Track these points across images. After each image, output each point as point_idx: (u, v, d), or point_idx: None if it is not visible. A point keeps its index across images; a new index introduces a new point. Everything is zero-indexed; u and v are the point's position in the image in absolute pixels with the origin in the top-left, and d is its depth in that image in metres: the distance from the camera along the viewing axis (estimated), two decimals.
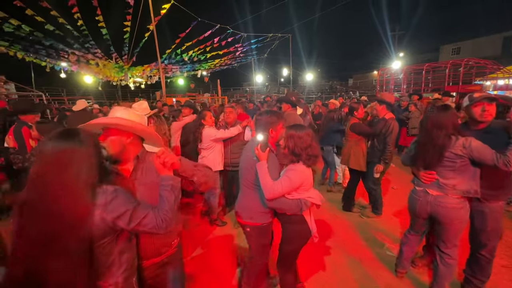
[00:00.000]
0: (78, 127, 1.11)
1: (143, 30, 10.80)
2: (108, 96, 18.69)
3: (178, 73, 17.73)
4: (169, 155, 1.18)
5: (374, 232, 3.43)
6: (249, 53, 15.47)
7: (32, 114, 3.27)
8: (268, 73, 30.67)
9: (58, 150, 0.97)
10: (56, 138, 0.99)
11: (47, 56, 12.31)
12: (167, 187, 1.16)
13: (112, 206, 1.02)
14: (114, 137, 1.29)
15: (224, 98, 10.66)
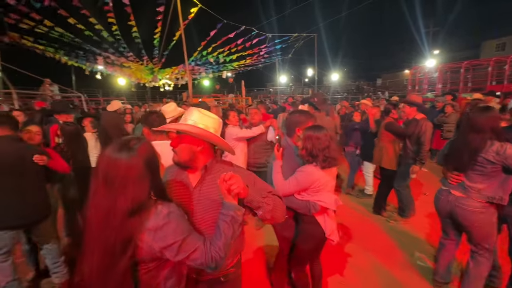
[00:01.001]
0: (134, 137, 0.99)
1: (171, 33, 11.29)
2: (139, 97, 19.77)
3: (204, 74, 18.25)
4: (237, 181, 1.02)
5: (404, 239, 3.25)
6: (273, 53, 15.47)
7: (65, 114, 3.51)
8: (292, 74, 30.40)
9: (112, 162, 0.91)
10: (109, 150, 0.93)
11: (86, 60, 13.33)
12: (227, 217, 1.02)
13: (162, 234, 0.93)
14: (184, 144, 1.21)
15: (248, 98, 10.74)
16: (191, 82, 9.33)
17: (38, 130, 2.54)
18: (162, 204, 0.98)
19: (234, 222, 1.02)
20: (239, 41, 12.23)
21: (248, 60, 15.00)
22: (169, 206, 0.98)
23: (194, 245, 0.96)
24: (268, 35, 12.40)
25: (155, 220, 0.93)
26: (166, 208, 0.97)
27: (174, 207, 0.99)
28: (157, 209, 0.96)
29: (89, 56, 13.30)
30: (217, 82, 14.00)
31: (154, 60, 14.76)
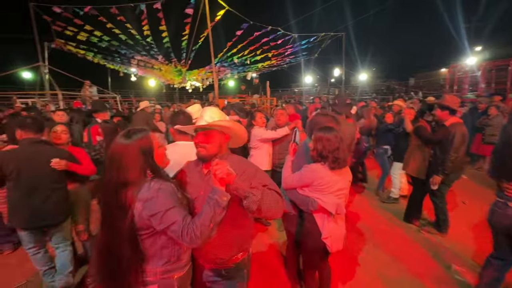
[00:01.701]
0: (138, 128, 1.21)
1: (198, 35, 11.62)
2: (167, 98, 20.67)
3: (229, 75, 18.56)
4: (221, 167, 1.11)
5: (438, 250, 3.02)
6: (298, 53, 15.27)
7: (102, 113, 3.74)
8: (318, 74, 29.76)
9: (117, 145, 1.16)
10: (120, 136, 1.18)
11: (121, 62, 14.21)
12: (211, 200, 1.12)
13: (150, 204, 1.09)
14: (215, 139, 1.35)
15: (273, 99, 10.71)
16: (217, 83, 9.53)
17: (64, 129, 2.53)
18: (156, 181, 1.15)
19: (217, 206, 1.10)
20: (264, 41, 12.25)
21: (273, 60, 14.97)
22: (161, 183, 1.14)
23: (174, 218, 1.09)
24: (294, 35, 12.27)
25: (146, 192, 1.11)
26: (158, 184, 1.13)
27: (166, 185, 1.15)
28: (150, 184, 1.13)
29: (123, 59, 14.18)
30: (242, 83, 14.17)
31: (182, 62, 15.33)
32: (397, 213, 3.88)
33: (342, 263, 2.72)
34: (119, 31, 10.79)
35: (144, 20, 10.19)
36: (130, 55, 13.64)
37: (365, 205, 4.31)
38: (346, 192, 1.93)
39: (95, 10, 9.34)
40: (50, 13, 9.65)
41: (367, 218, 3.81)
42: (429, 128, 3.45)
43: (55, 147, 2.31)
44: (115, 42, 11.81)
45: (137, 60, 14.27)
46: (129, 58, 14.08)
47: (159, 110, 7.73)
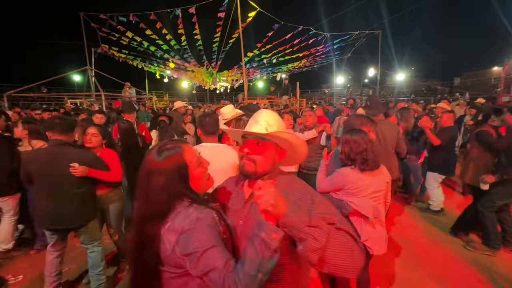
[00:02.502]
0: (173, 142, 0.99)
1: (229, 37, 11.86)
2: (198, 99, 21.42)
3: (259, 76, 18.64)
4: (266, 194, 0.80)
5: (486, 269, 2.67)
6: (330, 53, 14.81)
7: (127, 113, 3.91)
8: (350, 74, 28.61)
9: (147, 163, 0.96)
10: (153, 151, 0.97)
11: (157, 65, 15.06)
12: (256, 239, 0.80)
13: (185, 239, 0.85)
14: (269, 152, 1.05)
15: (303, 100, 10.50)
16: (247, 84, 9.61)
17: (94, 133, 2.40)
18: (194, 208, 0.91)
19: (265, 247, 0.77)
20: (295, 41, 12.09)
21: (303, 61, 14.71)
22: (201, 212, 0.89)
23: (214, 263, 0.81)
24: (327, 34, 11.92)
25: (182, 222, 0.87)
26: (196, 213, 0.88)
27: (206, 214, 0.90)
28: (187, 212, 0.89)
29: (159, 62, 15.01)
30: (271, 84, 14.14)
31: (213, 63, 15.77)
32: (439, 226, 3.53)
33: (377, 280, 2.53)
34: (157, 36, 11.45)
35: (179, 24, 10.68)
36: (166, 58, 14.40)
37: (402, 215, 3.98)
38: (383, 194, 1.88)
39: (136, 17, 10.01)
40: (97, 21, 10.58)
41: (405, 230, 3.51)
42: (494, 134, 3.11)
43: (80, 150, 2.21)
44: (152, 47, 12.56)
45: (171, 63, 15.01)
46: (165, 61, 14.88)
47: (191, 111, 7.99)
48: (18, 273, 2.71)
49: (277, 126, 1.07)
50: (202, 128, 2.14)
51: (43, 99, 13.32)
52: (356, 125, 2.11)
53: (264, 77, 17.70)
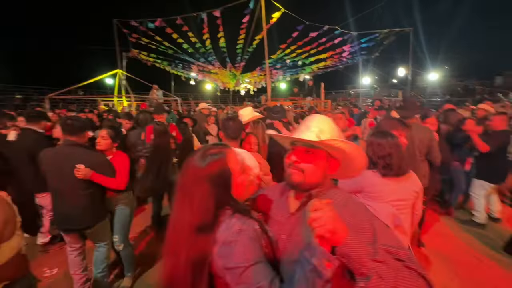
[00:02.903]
0: (216, 147, 0.94)
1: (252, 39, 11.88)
2: (221, 100, 21.76)
3: (281, 77, 18.48)
4: (325, 217, 0.70)
5: None
6: (356, 53, 14.27)
7: (158, 115, 4.03)
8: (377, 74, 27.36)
9: (189, 168, 0.91)
10: (196, 156, 0.92)
11: (183, 68, 15.53)
12: (306, 265, 0.70)
13: (226, 252, 0.80)
14: (321, 162, 0.96)
15: (327, 102, 10.19)
16: (270, 85, 9.53)
17: (104, 135, 2.36)
18: (237, 218, 0.85)
19: (316, 276, 0.68)
20: (320, 41, 11.80)
21: (328, 61, 14.32)
22: (244, 223, 0.83)
23: (259, 281, 0.74)
24: (353, 33, 11.48)
25: (224, 233, 0.82)
26: (239, 224, 0.83)
27: (249, 225, 0.83)
28: (230, 222, 0.84)
29: (185, 65, 15.47)
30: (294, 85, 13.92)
31: (236, 65, 15.92)
32: (486, 241, 3.17)
33: None
34: (183, 40, 11.82)
35: (204, 28, 10.91)
36: (191, 61, 14.81)
37: (441, 227, 3.64)
38: (410, 203, 1.73)
39: (164, 22, 10.40)
40: (128, 27, 11.14)
41: (444, 245, 3.21)
42: None
43: (90, 152, 2.18)
44: (179, 51, 12.99)
45: (196, 66, 15.40)
46: (190, 64, 15.31)
47: (214, 112, 8.09)
48: (54, 267, 2.86)
49: (330, 134, 0.97)
50: (225, 131, 2.10)
51: (80, 101, 14.28)
52: (387, 128, 2.01)
53: (287, 79, 17.51)
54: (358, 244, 0.70)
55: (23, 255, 1.21)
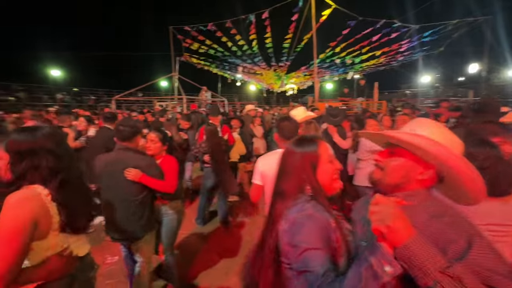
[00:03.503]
0: (310, 137, 1.07)
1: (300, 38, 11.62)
2: (266, 102, 21.91)
3: (327, 77, 17.75)
4: (384, 210, 0.67)
5: None
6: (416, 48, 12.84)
7: (213, 116, 4.14)
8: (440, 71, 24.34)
9: (285, 151, 1.07)
10: (292, 142, 1.08)
11: (229, 70, 16.06)
12: (363, 264, 0.67)
13: (294, 229, 0.86)
14: (404, 162, 0.86)
15: (382, 103, 9.33)
16: (318, 85, 9.17)
17: (153, 138, 2.29)
18: (312, 205, 0.91)
19: (371, 276, 0.63)
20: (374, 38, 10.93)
21: (382, 58, 13.20)
22: (317, 211, 0.88)
23: (314, 266, 0.77)
24: (415, 26, 10.32)
25: (296, 213, 0.89)
26: (312, 210, 0.88)
27: (322, 216, 0.87)
28: (303, 206, 0.91)
29: (231, 67, 15.97)
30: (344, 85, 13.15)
31: (281, 66, 15.81)
32: None
33: None
34: (231, 43, 12.20)
35: (251, 30, 11.06)
36: (237, 63, 15.21)
37: None
38: None
39: (215, 26, 10.87)
40: (182, 33, 11.95)
41: None
42: None
43: (138, 155, 2.10)
44: (227, 53, 13.46)
45: (242, 67, 15.76)
46: (236, 66, 15.74)
47: (260, 113, 8.08)
48: (116, 254, 3.09)
49: (438, 136, 0.82)
50: (280, 132, 2.02)
51: (139, 102, 15.86)
52: (484, 134, 1.58)
53: (334, 78, 16.74)
54: (425, 250, 0.64)
55: (65, 256, 1.15)
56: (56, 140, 1.14)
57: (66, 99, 16.26)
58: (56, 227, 1.09)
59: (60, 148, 1.15)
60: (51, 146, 1.11)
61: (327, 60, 13.94)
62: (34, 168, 1.07)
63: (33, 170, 1.07)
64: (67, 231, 1.14)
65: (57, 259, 1.11)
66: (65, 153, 1.17)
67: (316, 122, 2.99)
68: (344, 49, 12.37)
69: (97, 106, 14.10)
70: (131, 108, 10.52)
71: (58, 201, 1.09)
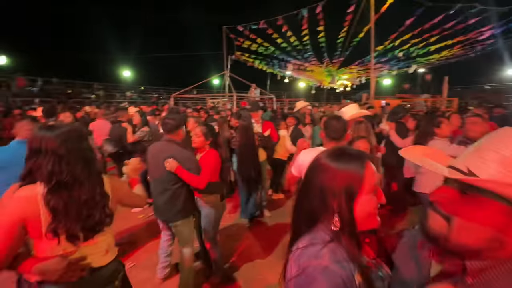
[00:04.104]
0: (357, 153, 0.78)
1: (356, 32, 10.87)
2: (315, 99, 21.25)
3: (385, 72, 16.24)
4: None
5: None
6: (499, 35, 10.75)
7: (253, 112, 4.16)
8: None
9: (324, 156, 0.79)
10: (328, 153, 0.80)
11: (279, 67, 16.01)
12: None
13: (301, 282, 0.67)
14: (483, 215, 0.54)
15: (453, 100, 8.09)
16: (374, 81, 8.48)
17: (197, 132, 2.38)
18: (331, 250, 0.67)
19: None
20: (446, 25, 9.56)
21: (455, 48, 11.45)
22: (337, 261, 0.65)
23: None
24: (502, 8, 8.66)
25: (308, 260, 0.67)
26: (329, 260, 0.65)
27: (341, 267, 0.64)
28: (320, 250, 0.67)
29: (281, 64, 15.90)
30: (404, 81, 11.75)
31: (333, 61, 15.07)
32: None
33: None
34: (282, 39, 12.15)
35: (303, 25, 10.80)
36: (287, 59, 15.08)
37: None
38: None
39: (266, 23, 10.96)
40: (234, 32, 12.38)
41: None
42: None
43: (179, 148, 2.24)
44: (277, 51, 13.45)
45: (292, 64, 15.55)
46: (286, 63, 15.61)
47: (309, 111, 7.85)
48: None
49: None
50: (325, 130, 1.94)
51: (193, 99, 17.04)
52: None
53: (393, 73, 15.20)
54: None
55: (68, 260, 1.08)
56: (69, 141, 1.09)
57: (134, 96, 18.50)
58: (49, 230, 1.04)
59: (69, 149, 1.08)
60: (56, 147, 1.06)
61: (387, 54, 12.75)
62: (37, 167, 1.06)
63: (37, 169, 1.06)
64: (61, 237, 1.06)
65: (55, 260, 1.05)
66: (75, 155, 1.10)
67: (368, 123, 2.74)
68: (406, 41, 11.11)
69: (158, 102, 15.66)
70: (186, 105, 11.37)
71: (49, 205, 1.04)
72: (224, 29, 12.64)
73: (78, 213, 1.09)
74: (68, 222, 1.06)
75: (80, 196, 1.10)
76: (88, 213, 1.11)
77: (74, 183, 1.09)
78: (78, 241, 1.11)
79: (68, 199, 1.07)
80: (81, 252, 1.13)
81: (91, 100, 15.31)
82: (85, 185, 1.12)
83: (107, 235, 1.23)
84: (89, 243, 1.15)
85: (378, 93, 17.37)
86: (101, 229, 1.17)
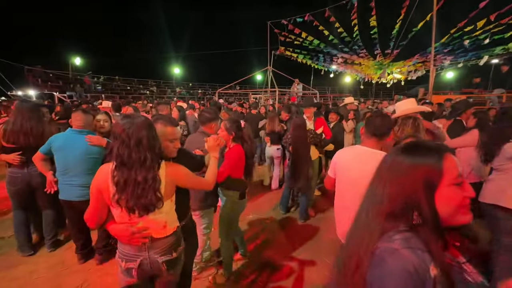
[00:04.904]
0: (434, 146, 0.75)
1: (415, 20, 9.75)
2: (362, 94, 19.92)
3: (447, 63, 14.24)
4: None
5: None
6: None
7: (306, 108, 4.08)
8: None
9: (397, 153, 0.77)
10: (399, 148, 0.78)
11: (323, 61, 15.35)
12: None
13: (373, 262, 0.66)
14: None
15: None
16: (434, 74, 7.55)
17: (221, 127, 2.39)
18: (405, 237, 0.65)
19: None
20: None
21: None
22: (409, 247, 0.63)
23: None
24: None
25: (381, 243, 0.67)
26: (400, 244, 0.63)
27: (414, 254, 0.61)
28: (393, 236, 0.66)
29: (326, 58, 15.20)
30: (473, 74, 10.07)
31: (386, 53, 13.83)
32: None
33: None
34: (328, 32, 11.59)
35: (353, 14, 10.12)
36: (334, 53, 14.35)
37: None
38: None
39: (311, 16, 10.56)
40: (278, 27, 12.23)
41: None
42: None
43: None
44: (322, 44, 12.89)
45: (338, 58, 14.75)
46: (332, 56, 14.87)
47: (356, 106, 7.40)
48: None
49: None
50: (366, 126, 1.81)
51: (236, 95, 17.48)
52: None
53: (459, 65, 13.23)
54: None
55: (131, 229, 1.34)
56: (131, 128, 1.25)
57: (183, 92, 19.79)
58: (114, 200, 1.27)
59: (130, 136, 1.25)
60: (121, 132, 1.25)
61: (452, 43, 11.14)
62: (112, 148, 1.30)
63: (111, 150, 1.31)
64: (123, 208, 1.28)
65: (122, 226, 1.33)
66: (135, 141, 1.25)
67: (418, 118, 2.38)
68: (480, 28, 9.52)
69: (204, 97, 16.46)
70: (229, 100, 11.72)
71: (114, 180, 1.27)
72: (268, 23, 12.59)
73: (133, 191, 1.27)
74: (126, 197, 1.27)
75: (136, 176, 1.27)
76: (141, 193, 1.27)
77: (133, 165, 1.26)
78: (135, 215, 1.31)
79: (127, 177, 1.27)
80: (143, 224, 1.35)
81: (147, 96, 16.87)
82: (141, 168, 1.27)
83: (163, 214, 1.39)
84: (145, 218, 1.34)
85: (437, 87, 15.45)
86: (153, 209, 1.32)
